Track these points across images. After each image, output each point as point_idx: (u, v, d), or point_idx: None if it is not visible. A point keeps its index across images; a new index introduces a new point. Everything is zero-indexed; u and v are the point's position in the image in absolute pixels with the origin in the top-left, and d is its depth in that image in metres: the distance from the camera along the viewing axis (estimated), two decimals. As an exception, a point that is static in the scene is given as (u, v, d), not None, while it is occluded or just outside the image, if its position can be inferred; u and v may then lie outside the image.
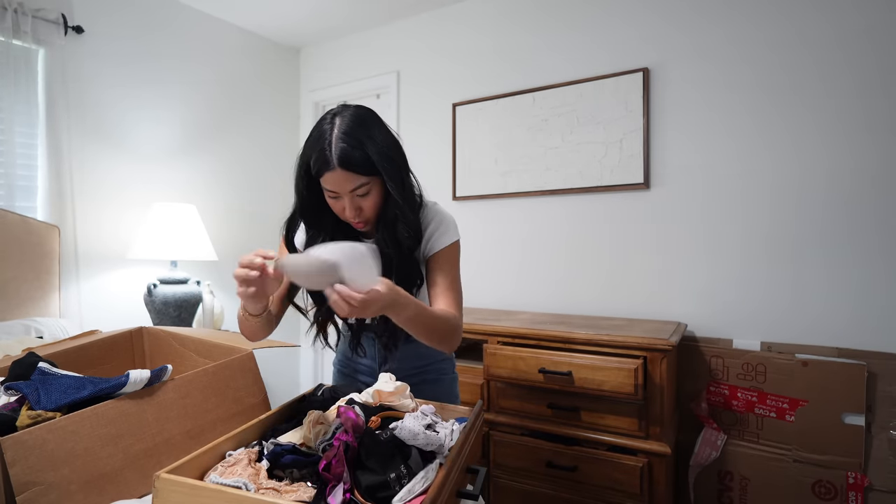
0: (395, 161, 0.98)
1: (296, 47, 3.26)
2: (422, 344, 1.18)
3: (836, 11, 1.79)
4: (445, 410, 0.96)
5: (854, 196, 1.77)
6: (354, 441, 0.71)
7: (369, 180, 0.96)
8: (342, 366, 1.27)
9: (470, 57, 2.60)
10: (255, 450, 0.76)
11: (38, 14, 2.05)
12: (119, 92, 2.37)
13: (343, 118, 0.95)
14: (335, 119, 0.95)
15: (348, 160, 0.92)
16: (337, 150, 0.92)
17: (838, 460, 1.67)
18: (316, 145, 0.94)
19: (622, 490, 1.62)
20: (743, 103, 1.94)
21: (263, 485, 0.68)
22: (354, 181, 0.94)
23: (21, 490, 0.66)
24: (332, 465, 0.67)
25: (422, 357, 1.20)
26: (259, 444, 0.78)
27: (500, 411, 1.85)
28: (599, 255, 2.24)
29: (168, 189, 2.56)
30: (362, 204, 0.98)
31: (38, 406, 0.78)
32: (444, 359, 1.25)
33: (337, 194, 0.96)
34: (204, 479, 0.68)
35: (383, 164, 0.95)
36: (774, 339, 1.89)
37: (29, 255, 1.95)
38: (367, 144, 0.93)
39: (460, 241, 1.12)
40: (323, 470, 0.67)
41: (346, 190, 0.95)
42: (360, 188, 0.95)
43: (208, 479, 0.68)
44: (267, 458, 0.74)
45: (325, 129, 0.94)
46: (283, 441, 0.76)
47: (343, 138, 0.92)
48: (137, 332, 1.27)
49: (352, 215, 0.98)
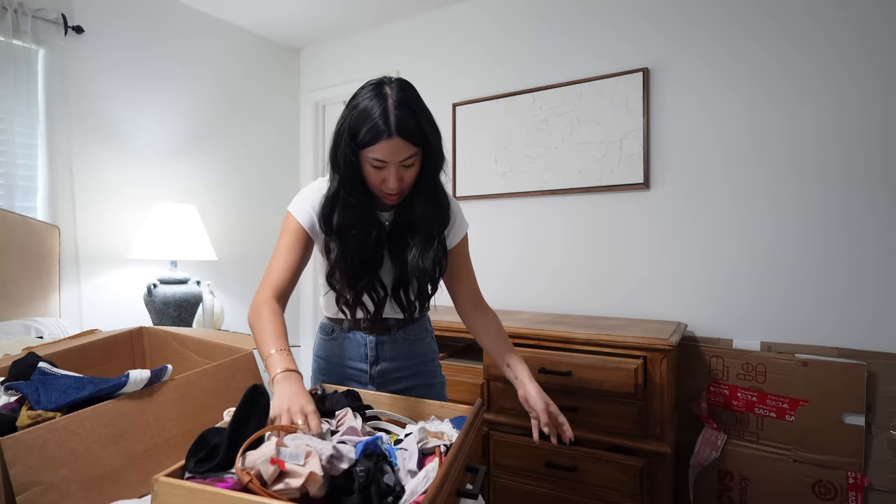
0: (439, 137, 1.03)
1: (296, 47, 3.26)
2: (413, 344, 1.20)
3: (834, 12, 1.79)
4: (445, 410, 0.96)
5: (854, 196, 1.77)
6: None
7: (417, 151, 0.98)
8: (326, 369, 1.23)
9: (470, 57, 2.60)
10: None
11: (38, 14, 2.05)
12: (119, 92, 2.37)
13: (394, 89, 0.96)
14: (384, 89, 0.96)
15: (406, 129, 0.94)
16: (395, 119, 0.93)
17: (838, 460, 1.67)
18: (370, 114, 0.94)
19: (622, 490, 1.62)
20: (743, 103, 1.94)
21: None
22: (407, 150, 0.96)
23: (21, 490, 0.66)
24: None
25: (413, 357, 1.21)
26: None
27: (500, 411, 1.85)
28: (599, 255, 2.23)
29: (168, 189, 2.56)
30: (405, 175, 1.00)
31: (38, 406, 0.78)
32: (433, 359, 1.26)
33: (384, 163, 0.96)
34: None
35: (432, 137, 0.99)
36: (774, 339, 1.88)
37: (29, 255, 1.95)
38: (420, 116, 0.96)
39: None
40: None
41: (398, 159, 0.96)
42: (409, 158, 0.97)
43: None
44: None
45: (377, 101, 0.94)
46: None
47: (401, 107, 0.94)
48: (137, 332, 1.27)
49: (395, 185, 0.98)
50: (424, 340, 1.24)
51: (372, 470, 0.66)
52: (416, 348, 1.20)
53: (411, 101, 0.96)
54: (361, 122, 0.95)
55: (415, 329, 1.21)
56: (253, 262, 2.94)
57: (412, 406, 0.99)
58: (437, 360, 1.28)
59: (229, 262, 2.81)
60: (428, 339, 1.25)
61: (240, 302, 2.86)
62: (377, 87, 0.97)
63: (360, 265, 1.06)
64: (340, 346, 1.21)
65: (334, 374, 1.22)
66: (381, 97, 0.94)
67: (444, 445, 0.82)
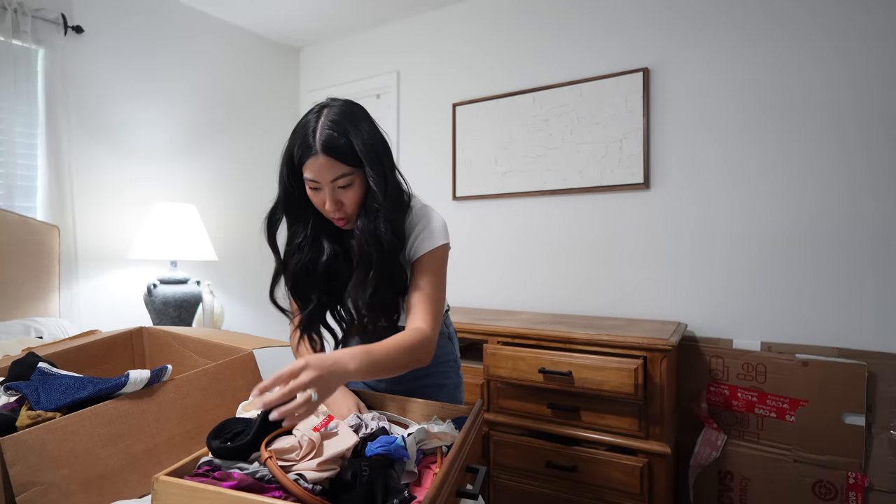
0: (379, 155, 0.96)
1: (296, 47, 3.26)
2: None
3: (833, 10, 1.79)
4: (445, 410, 0.96)
5: (854, 196, 1.77)
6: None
7: (352, 171, 0.94)
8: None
9: (470, 57, 2.60)
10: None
11: (38, 14, 2.05)
12: (119, 92, 2.37)
13: (331, 109, 0.95)
14: (323, 109, 0.95)
15: (332, 146, 0.91)
16: (321, 136, 0.91)
17: (838, 460, 1.67)
18: (301, 132, 0.94)
19: (622, 490, 1.62)
20: (743, 103, 1.94)
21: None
22: (336, 170, 0.93)
23: (21, 490, 0.66)
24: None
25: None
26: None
27: (500, 411, 1.85)
28: (599, 255, 2.23)
29: (168, 189, 2.56)
30: (343, 198, 0.96)
31: (37, 406, 0.78)
32: (447, 361, 1.20)
33: (318, 184, 0.95)
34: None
35: (367, 155, 0.93)
36: (774, 339, 1.88)
37: (29, 255, 1.95)
38: (352, 134, 0.93)
39: (449, 245, 1.07)
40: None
41: (328, 179, 0.93)
42: (341, 178, 0.94)
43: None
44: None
45: (310, 118, 0.94)
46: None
47: (329, 125, 0.92)
48: (137, 332, 1.26)
49: (331, 209, 0.96)
50: (438, 341, 1.18)
51: (379, 464, 0.67)
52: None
53: (348, 119, 0.93)
54: (295, 139, 0.95)
55: None
56: (253, 262, 2.93)
57: (413, 406, 0.99)
58: (454, 361, 1.22)
59: (229, 262, 2.81)
60: (442, 340, 1.20)
61: (240, 302, 2.86)
62: (320, 107, 0.96)
63: (303, 289, 1.04)
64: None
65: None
66: (318, 115, 0.94)
67: (445, 446, 0.82)
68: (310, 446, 0.69)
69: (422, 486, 0.76)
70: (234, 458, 0.67)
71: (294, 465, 0.67)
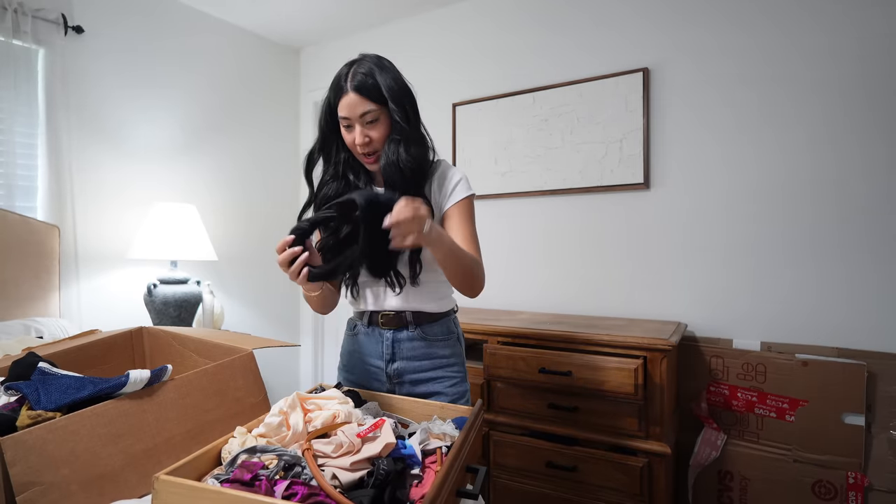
0: (403, 95, 1.09)
1: (296, 47, 3.26)
2: (432, 345, 1.17)
3: (829, 13, 1.79)
4: (446, 410, 0.96)
5: (854, 196, 1.77)
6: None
7: (378, 108, 1.06)
8: (349, 365, 1.25)
9: (470, 57, 2.60)
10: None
11: (38, 14, 2.05)
12: (119, 92, 2.37)
13: (363, 59, 1.09)
14: (356, 61, 1.09)
15: (361, 86, 1.05)
16: (353, 79, 1.05)
17: (838, 460, 1.67)
18: (336, 80, 1.08)
19: (622, 490, 1.62)
20: (743, 102, 1.94)
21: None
22: (364, 105, 1.05)
23: (21, 490, 0.66)
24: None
25: (430, 357, 1.18)
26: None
27: (500, 411, 1.85)
28: (599, 254, 2.23)
29: (168, 189, 2.56)
30: (371, 133, 1.07)
31: (38, 406, 0.78)
32: (452, 364, 1.21)
33: (349, 121, 1.07)
34: (206, 480, 0.68)
35: (391, 92, 1.06)
36: (774, 339, 1.89)
37: (29, 255, 1.95)
38: (378, 76, 1.06)
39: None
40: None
41: (357, 114, 1.05)
42: (368, 113, 1.05)
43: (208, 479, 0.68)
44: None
45: (345, 69, 1.08)
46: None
47: (360, 71, 1.06)
48: (137, 332, 1.26)
49: (361, 142, 1.07)
50: (447, 342, 1.20)
51: (393, 470, 0.68)
52: (435, 349, 1.17)
53: (377, 66, 1.07)
54: (332, 87, 1.09)
55: (435, 329, 1.18)
56: (253, 262, 2.94)
57: (414, 407, 0.99)
58: (459, 366, 1.22)
59: (229, 261, 2.81)
60: (451, 342, 1.21)
61: (240, 302, 2.86)
62: (353, 60, 1.10)
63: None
64: (361, 343, 1.22)
65: (356, 371, 1.23)
66: (351, 65, 1.08)
67: (445, 447, 0.82)
68: (349, 447, 0.72)
69: (422, 485, 0.76)
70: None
71: (329, 461, 0.70)
